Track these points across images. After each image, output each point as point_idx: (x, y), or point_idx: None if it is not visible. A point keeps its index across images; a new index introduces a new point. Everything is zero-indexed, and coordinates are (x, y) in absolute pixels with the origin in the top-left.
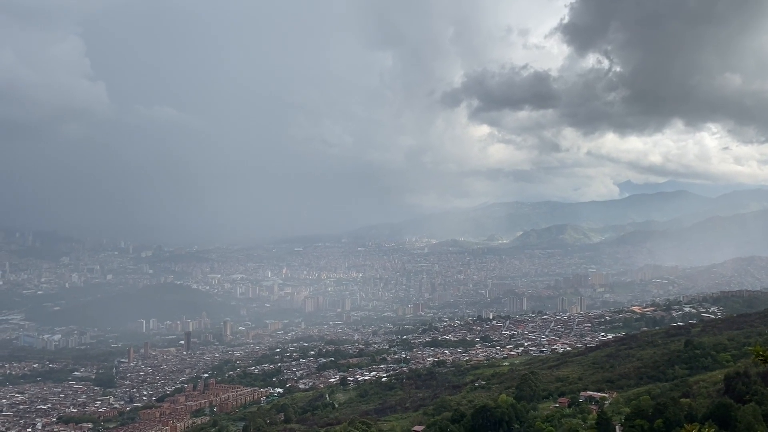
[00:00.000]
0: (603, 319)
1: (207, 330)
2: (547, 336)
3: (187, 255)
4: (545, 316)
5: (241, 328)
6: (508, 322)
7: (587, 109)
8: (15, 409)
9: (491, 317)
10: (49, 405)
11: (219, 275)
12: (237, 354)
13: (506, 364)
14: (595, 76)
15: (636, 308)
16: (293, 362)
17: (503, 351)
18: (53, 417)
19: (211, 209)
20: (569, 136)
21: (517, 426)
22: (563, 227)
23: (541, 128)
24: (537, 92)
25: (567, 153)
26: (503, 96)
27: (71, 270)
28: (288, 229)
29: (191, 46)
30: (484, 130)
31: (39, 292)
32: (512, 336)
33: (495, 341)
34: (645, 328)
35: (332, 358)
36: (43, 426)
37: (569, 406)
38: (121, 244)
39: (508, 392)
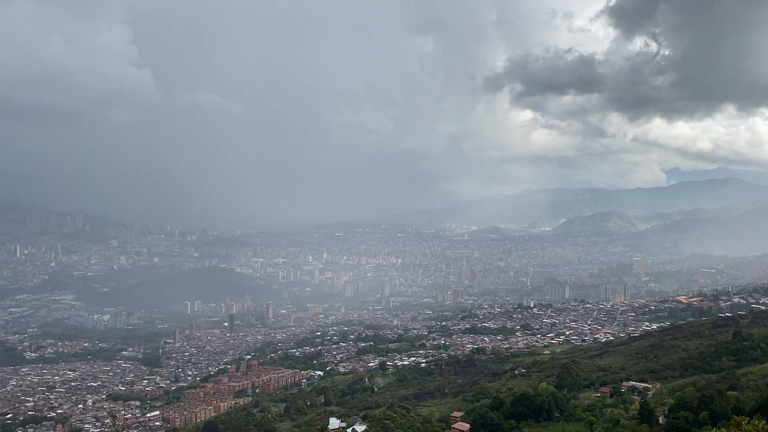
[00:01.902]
0: (647, 309)
1: (250, 312)
2: (589, 325)
3: (231, 239)
4: (588, 305)
5: (282, 311)
6: (549, 311)
7: (634, 93)
8: (67, 386)
9: (532, 305)
10: (99, 383)
11: (261, 259)
12: (279, 336)
13: (547, 352)
14: (643, 59)
15: (682, 298)
16: (333, 346)
17: (544, 339)
18: (103, 394)
19: (253, 195)
20: (615, 121)
21: (557, 414)
22: (608, 215)
23: (585, 113)
24: (582, 76)
25: (612, 139)
26: (547, 80)
27: (119, 252)
28: (328, 215)
29: (234, 32)
30: (526, 115)
31: (89, 274)
32: (553, 324)
33: (536, 329)
34: (691, 319)
35: (371, 343)
36: (94, 403)
37: (611, 396)
38: (167, 227)
39: (548, 380)
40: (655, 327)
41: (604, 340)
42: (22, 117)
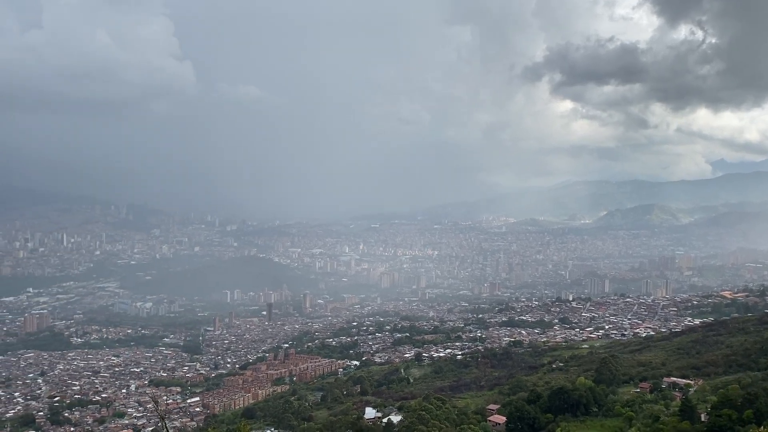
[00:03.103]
0: (690, 304)
1: (287, 302)
2: (629, 319)
3: (269, 229)
4: (628, 299)
5: (319, 301)
6: (588, 304)
7: (678, 83)
8: (111, 371)
9: (571, 299)
10: (142, 368)
11: (299, 249)
12: (315, 326)
13: (585, 346)
14: (688, 48)
15: (726, 293)
16: (369, 336)
17: (583, 333)
18: (145, 380)
19: (291, 185)
20: (658, 111)
21: (595, 409)
22: (650, 207)
23: (627, 103)
24: (624, 66)
25: (655, 129)
26: (588, 70)
27: (161, 242)
28: (365, 206)
29: (272, 25)
30: (566, 105)
31: (132, 262)
32: (593, 318)
33: (574, 323)
34: (736, 315)
35: (407, 334)
36: (136, 388)
37: (651, 392)
38: (207, 217)
39: (586, 375)
40: (697, 322)
41: (644, 334)
42: (69, 109)
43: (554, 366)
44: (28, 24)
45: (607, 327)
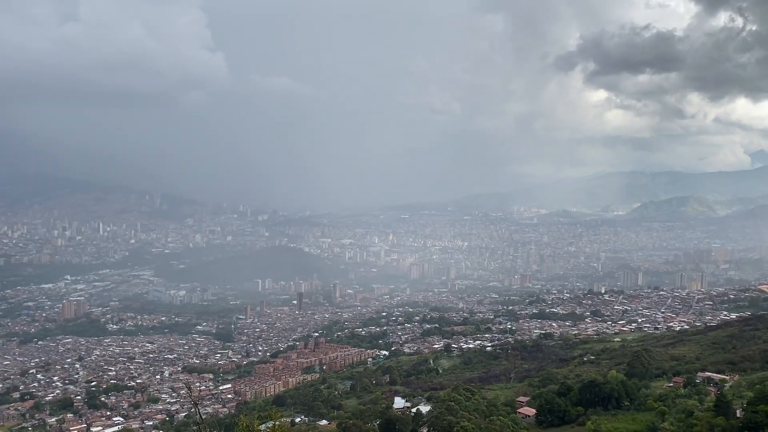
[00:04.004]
0: (726, 298)
1: (317, 291)
2: (663, 313)
3: (300, 219)
4: (662, 292)
5: (349, 290)
6: (621, 297)
7: (716, 71)
8: (146, 358)
9: (603, 291)
10: (175, 355)
11: (329, 239)
12: (345, 315)
13: (617, 339)
14: (727, 35)
15: (764, 287)
16: (398, 326)
17: (615, 326)
18: (179, 366)
19: (322, 176)
20: (695, 101)
21: (626, 403)
22: (685, 199)
23: (663, 93)
24: (660, 54)
25: (692, 119)
26: (622, 58)
27: (195, 231)
28: (395, 196)
29: (304, 16)
30: (600, 95)
31: (166, 251)
32: (625, 311)
33: (606, 316)
34: None
35: (437, 325)
36: (170, 374)
37: (684, 387)
38: (239, 207)
39: (618, 368)
40: (734, 317)
41: (678, 328)
42: (106, 101)
43: (585, 359)
44: (64, 17)
45: (640, 320)
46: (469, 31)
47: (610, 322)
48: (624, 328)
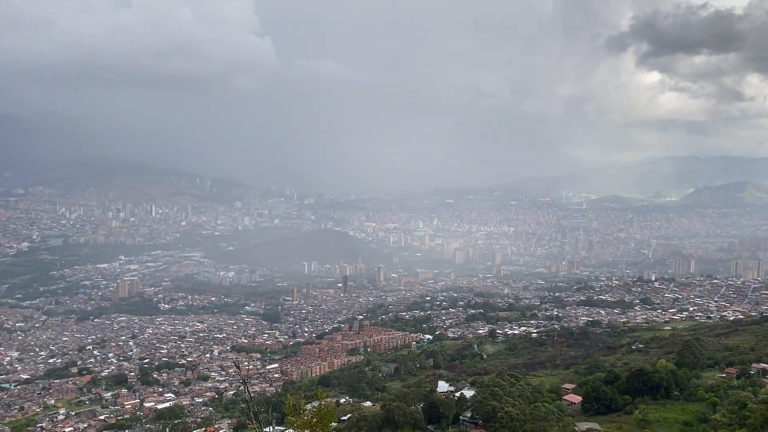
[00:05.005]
0: None
1: (362, 275)
2: (716, 301)
3: (346, 203)
4: (715, 281)
5: (393, 274)
6: (672, 285)
7: None
8: (196, 336)
9: (653, 279)
10: (224, 334)
11: (374, 224)
12: (389, 299)
13: (668, 328)
14: None
15: None
16: (442, 311)
17: (665, 315)
18: (227, 345)
19: (368, 159)
20: (754, 82)
21: (676, 393)
22: (742, 184)
23: (720, 74)
24: (717, 34)
25: (751, 102)
26: (677, 39)
27: (243, 214)
28: (440, 180)
29: None
30: (653, 77)
31: (216, 233)
32: (676, 300)
33: (656, 304)
34: None
35: (481, 310)
36: (219, 353)
37: (738, 378)
38: (286, 191)
39: (668, 357)
40: None
41: (732, 318)
42: (158, 85)
43: (634, 347)
44: (118, 3)
45: (691, 309)
46: (519, 13)
47: (660, 311)
48: (675, 317)
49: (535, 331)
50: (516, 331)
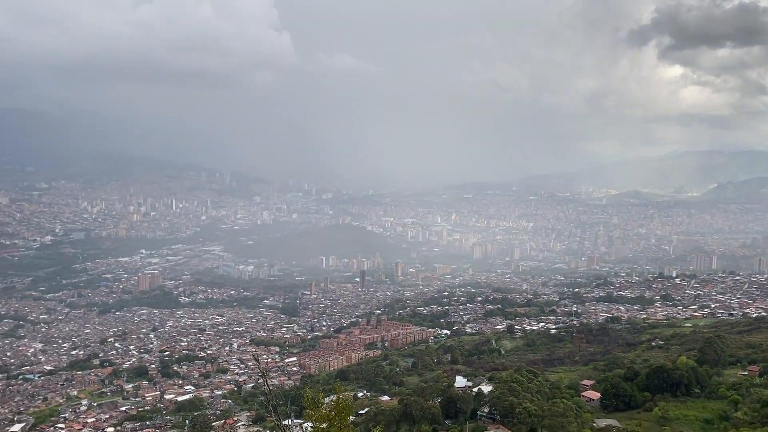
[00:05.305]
0: None
1: (380, 269)
2: (738, 298)
3: (363, 198)
4: (738, 277)
5: (411, 269)
6: (693, 281)
7: None
8: (215, 330)
9: (674, 275)
10: (243, 328)
11: (392, 218)
12: (407, 294)
13: (689, 325)
14: None
15: None
16: (460, 306)
17: (686, 311)
18: (247, 339)
19: (385, 154)
20: None
21: (697, 390)
22: (767, 180)
23: (744, 68)
24: (742, 27)
25: None
26: (700, 32)
27: (262, 208)
28: (458, 175)
29: None
30: (676, 70)
31: (235, 227)
32: (697, 296)
33: (677, 300)
34: None
35: (499, 306)
36: (238, 346)
37: (760, 375)
38: (305, 186)
39: (689, 355)
40: None
41: (755, 315)
42: (178, 80)
43: (654, 344)
44: None
45: (713, 306)
46: (539, 6)
47: (681, 307)
48: (696, 314)
49: (553, 327)
50: (534, 327)
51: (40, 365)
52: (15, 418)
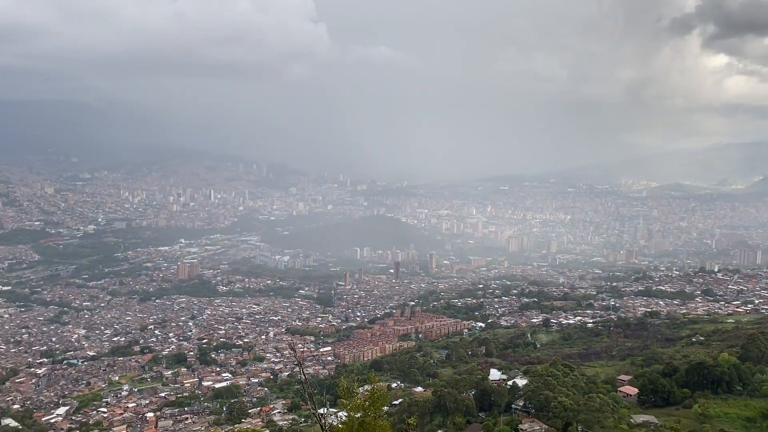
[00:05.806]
0: None
1: (414, 261)
2: None
3: (398, 190)
4: None
5: (445, 261)
6: (736, 276)
7: None
8: (252, 318)
9: (716, 270)
10: (279, 317)
11: (426, 210)
12: (441, 286)
13: (731, 321)
14: None
15: None
16: (495, 299)
17: (728, 307)
18: (282, 328)
19: (420, 146)
20: None
21: (738, 388)
22: None
23: None
24: None
25: None
26: (747, 20)
27: (298, 199)
28: (495, 167)
29: None
30: (720, 60)
31: (271, 218)
32: (740, 291)
33: (719, 296)
34: None
35: (535, 299)
36: (275, 335)
37: None
38: (340, 177)
39: (730, 351)
40: None
41: None
42: (216, 72)
43: (694, 340)
44: None
45: (757, 301)
46: None
47: (723, 303)
48: (738, 309)
49: (590, 320)
50: (571, 321)
51: (84, 351)
52: (60, 402)
